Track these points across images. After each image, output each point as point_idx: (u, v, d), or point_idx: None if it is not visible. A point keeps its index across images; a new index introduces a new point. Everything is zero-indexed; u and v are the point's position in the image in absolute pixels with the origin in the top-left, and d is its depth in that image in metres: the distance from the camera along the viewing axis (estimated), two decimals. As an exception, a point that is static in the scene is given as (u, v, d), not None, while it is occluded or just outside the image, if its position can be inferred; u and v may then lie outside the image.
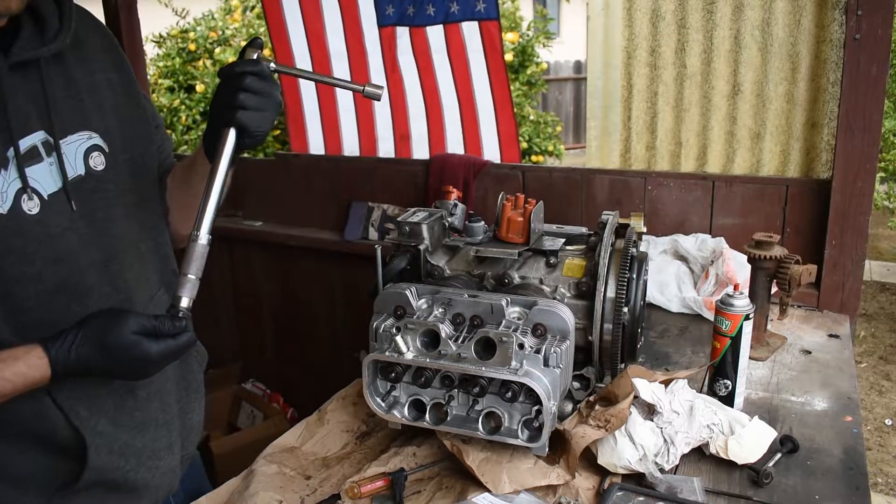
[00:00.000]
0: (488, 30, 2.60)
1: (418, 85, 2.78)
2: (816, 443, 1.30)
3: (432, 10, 2.63)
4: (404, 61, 2.75)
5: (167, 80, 5.11)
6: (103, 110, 1.12)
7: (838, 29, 2.00)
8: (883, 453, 3.46)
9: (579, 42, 13.75)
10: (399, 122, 2.85)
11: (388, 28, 2.71)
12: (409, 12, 2.68)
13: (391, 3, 2.68)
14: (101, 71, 1.14)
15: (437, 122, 2.82)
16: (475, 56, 2.65)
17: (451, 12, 2.62)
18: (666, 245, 2.08)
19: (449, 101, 2.77)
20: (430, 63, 2.73)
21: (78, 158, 1.07)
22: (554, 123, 5.84)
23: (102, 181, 1.10)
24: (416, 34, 2.70)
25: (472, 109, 2.75)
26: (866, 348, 4.55)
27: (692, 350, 1.71)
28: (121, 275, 1.13)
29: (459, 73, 2.73)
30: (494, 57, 2.64)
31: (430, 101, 2.79)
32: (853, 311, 1.96)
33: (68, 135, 1.06)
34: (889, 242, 6.45)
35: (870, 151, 1.86)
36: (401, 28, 2.72)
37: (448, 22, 2.64)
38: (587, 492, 1.18)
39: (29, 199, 1.00)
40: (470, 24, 2.61)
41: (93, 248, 1.08)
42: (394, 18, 2.71)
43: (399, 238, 1.45)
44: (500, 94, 2.71)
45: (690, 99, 2.31)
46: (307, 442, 1.38)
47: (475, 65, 2.67)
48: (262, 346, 3.29)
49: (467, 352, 1.20)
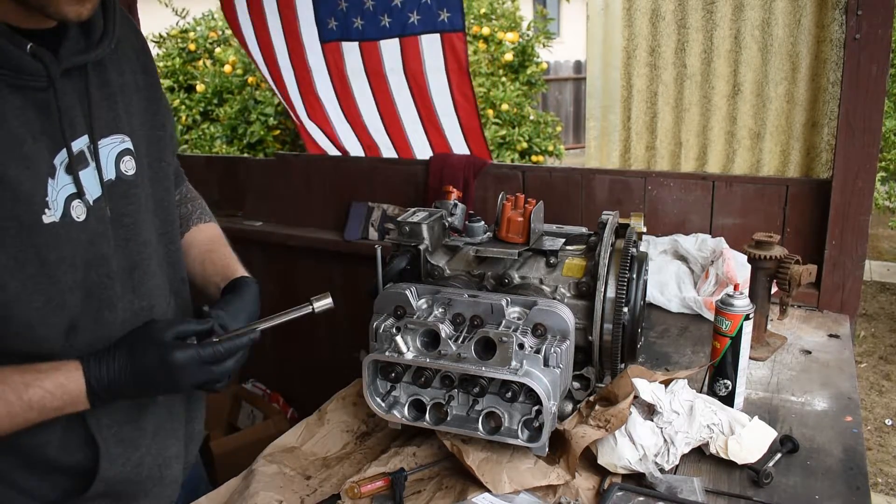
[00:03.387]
0: (451, 43, 2.29)
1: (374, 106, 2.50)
2: (816, 443, 1.30)
3: (387, 22, 2.31)
4: (356, 80, 2.47)
5: (167, 80, 5.11)
6: (130, 113, 1.11)
7: (838, 29, 2.00)
8: (883, 453, 3.46)
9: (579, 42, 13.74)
10: (362, 134, 2.66)
11: (331, 44, 2.41)
12: (356, 25, 2.36)
13: (333, 15, 2.36)
14: (131, 72, 1.12)
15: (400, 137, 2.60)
16: (435, 74, 2.36)
17: (409, 23, 2.30)
18: (666, 245, 2.08)
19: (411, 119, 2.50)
20: (384, 83, 2.43)
21: (110, 162, 1.05)
22: (554, 123, 5.83)
23: (132, 186, 1.09)
24: (368, 50, 2.39)
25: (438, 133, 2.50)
26: (866, 348, 4.55)
27: (692, 350, 1.71)
28: (143, 282, 1.11)
29: (419, 94, 2.42)
30: (459, 74, 2.35)
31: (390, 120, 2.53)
32: (853, 311, 1.96)
33: (103, 137, 1.04)
34: (889, 242, 6.45)
35: (870, 151, 1.86)
36: (348, 44, 2.41)
37: (405, 35, 2.33)
38: (587, 492, 1.18)
39: (78, 206, 0.98)
40: (431, 36, 2.30)
41: (121, 255, 1.06)
42: (337, 33, 2.40)
43: (399, 238, 1.45)
44: (467, 118, 2.43)
45: (690, 99, 2.31)
46: (307, 442, 1.38)
47: (435, 84, 2.38)
48: (262, 346, 3.28)
49: (467, 352, 1.20)
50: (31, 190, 0.91)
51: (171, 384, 1.01)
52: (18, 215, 0.89)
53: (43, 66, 0.91)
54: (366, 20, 2.34)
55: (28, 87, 0.91)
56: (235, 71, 4.93)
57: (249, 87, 4.77)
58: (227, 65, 4.95)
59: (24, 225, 0.90)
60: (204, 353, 1.01)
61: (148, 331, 1.02)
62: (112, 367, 0.97)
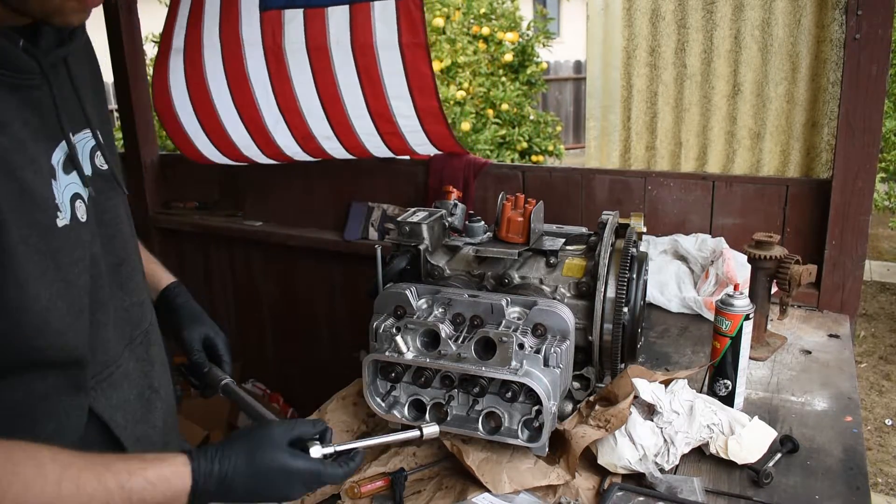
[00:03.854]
0: (408, 11, 2.00)
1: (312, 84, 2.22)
2: (816, 443, 1.30)
3: None
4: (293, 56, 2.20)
5: (167, 80, 5.10)
6: (92, 106, 1.07)
7: (838, 29, 2.00)
8: (883, 453, 3.46)
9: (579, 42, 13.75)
10: (295, 124, 2.35)
11: (271, 12, 2.14)
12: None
13: None
14: (82, 64, 1.08)
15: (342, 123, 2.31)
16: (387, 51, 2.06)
17: None
18: (666, 245, 2.08)
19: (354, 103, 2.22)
20: (327, 58, 2.15)
21: (86, 157, 1.02)
22: (554, 123, 5.84)
23: (107, 180, 1.05)
24: (312, 18, 2.11)
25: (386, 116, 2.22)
26: (866, 348, 4.55)
27: (692, 350, 1.71)
28: (130, 278, 1.09)
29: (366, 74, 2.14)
30: (415, 49, 2.05)
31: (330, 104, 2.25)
32: (853, 311, 1.96)
33: (76, 133, 1.01)
34: (889, 242, 6.45)
35: (870, 151, 1.86)
36: (290, 11, 2.13)
37: (356, 1, 2.05)
38: (587, 492, 1.18)
39: (80, 206, 0.95)
40: (384, 3, 2.02)
41: (107, 252, 1.03)
42: (281, 0, 2.14)
43: (399, 238, 1.45)
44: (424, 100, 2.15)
45: (690, 99, 2.31)
46: (307, 442, 1.37)
47: (386, 61, 2.09)
48: (262, 346, 3.29)
49: (467, 352, 1.20)
50: (45, 194, 0.88)
51: (286, 490, 0.97)
52: (39, 221, 0.86)
53: (37, 63, 0.89)
54: None
55: (24, 85, 0.88)
56: (235, 71, 4.92)
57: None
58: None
59: (44, 231, 0.86)
60: (327, 472, 0.98)
61: (269, 433, 0.96)
62: (225, 465, 0.91)
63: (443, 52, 5.02)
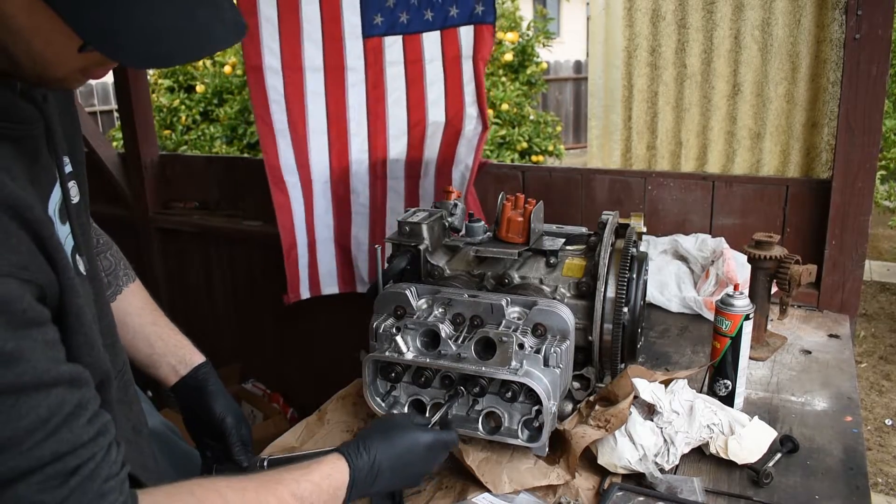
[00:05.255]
0: (482, 35, 2.43)
1: (404, 100, 2.57)
2: (816, 443, 1.30)
3: (430, 16, 2.46)
4: (392, 72, 2.55)
5: (167, 80, 5.11)
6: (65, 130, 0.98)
7: (838, 29, 2.00)
8: (883, 453, 3.46)
9: (579, 42, 13.77)
10: (376, 143, 2.62)
11: (374, 39, 2.51)
12: (402, 20, 2.49)
13: (380, 11, 2.48)
14: None
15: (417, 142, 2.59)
16: (468, 63, 2.48)
17: (450, 16, 2.44)
18: (666, 245, 2.08)
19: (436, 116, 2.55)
20: (421, 73, 2.53)
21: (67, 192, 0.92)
22: (554, 123, 5.84)
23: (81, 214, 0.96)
24: (410, 42, 2.52)
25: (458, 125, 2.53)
26: (866, 348, 4.55)
27: (692, 350, 1.71)
28: (105, 315, 1.02)
29: (451, 82, 2.51)
30: (482, 66, 2.48)
31: (415, 118, 2.57)
32: (853, 311, 1.96)
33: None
34: (889, 242, 6.45)
35: (870, 151, 1.86)
36: (391, 38, 2.52)
37: (446, 27, 2.47)
38: (587, 492, 1.18)
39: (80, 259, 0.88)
40: (467, 28, 2.44)
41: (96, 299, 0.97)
42: (382, 28, 2.51)
43: (399, 238, 1.45)
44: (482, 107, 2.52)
45: (690, 99, 2.31)
46: (307, 442, 1.38)
47: (467, 72, 2.49)
48: (263, 346, 3.29)
49: (467, 352, 1.20)
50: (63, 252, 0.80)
51: (425, 465, 1.09)
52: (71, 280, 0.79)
53: (38, 111, 0.83)
54: (411, 14, 2.48)
55: (25, 136, 0.81)
56: (235, 71, 4.93)
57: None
58: (228, 65, 4.95)
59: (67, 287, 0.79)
60: (451, 438, 1.12)
61: (397, 421, 1.09)
62: (373, 453, 1.00)
63: (443, 52, 5.02)
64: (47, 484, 0.67)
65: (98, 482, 0.70)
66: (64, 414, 0.69)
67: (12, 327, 0.65)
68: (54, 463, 0.67)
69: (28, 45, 0.72)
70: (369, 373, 1.27)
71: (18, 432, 0.65)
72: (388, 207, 2.69)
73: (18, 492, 0.65)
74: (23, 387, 0.66)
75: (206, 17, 0.71)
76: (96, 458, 0.71)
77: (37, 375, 0.67)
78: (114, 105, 7.37)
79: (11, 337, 0.65)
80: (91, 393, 0.74)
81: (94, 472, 0.70)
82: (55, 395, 0.68)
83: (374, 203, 2.71)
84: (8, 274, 0.66)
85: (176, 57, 0.72)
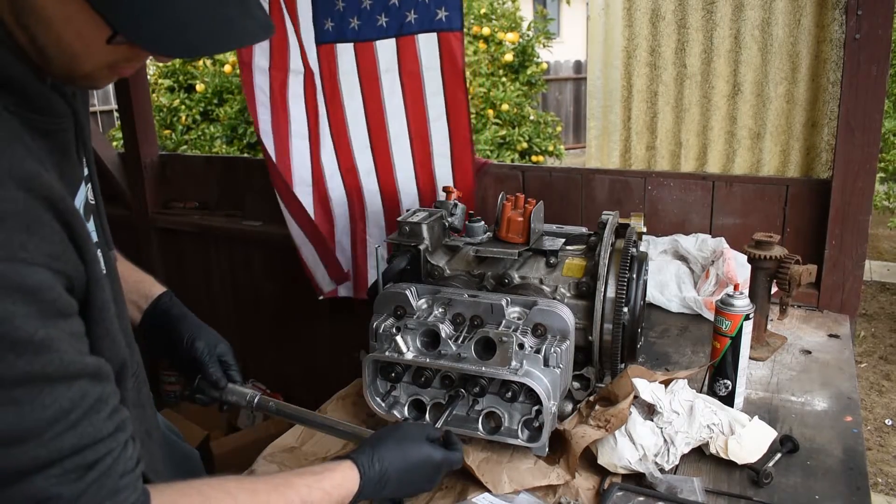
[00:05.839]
0: (448, 42, 2.20)
1: (362, 111, 2.41)
2: (816, 443, 1.30)
3: (384, 21, 2.25)
4: (346, 83, 2.39)
5: (167, 80, 5.11)
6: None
7: (838, 29, 2.00)
8: (883, 453, 3.46)
9: (579, 42, 13.76)
10: (343, 154, 2.50)
11: (326, 45, 2.35)
12: (352, 26, 2.29)
13: (330, 16, 2.31)
14: None
15: (383, 154, 2.45)
16: (431, 74, 2.26)
17: (406, 22, 2.22)
18: (666, 245, 2.08)
19: (398, 130, 2.39)
20: (377, 85, 2.35)
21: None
22: (554, 123, 5.84)
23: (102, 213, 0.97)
24: (362, 51, 2.32)
25: (424, 138, 2.37)
26: (866, 348, 4.55)
27: (692, 350, 1.71)
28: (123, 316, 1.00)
29: (411, 97, 2.33)
30: (454, 75, 2.24)
31: (376, 131, 2.42)
32: (853, 311, 1.96)
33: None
34: (889, 242, 6.45)
35: (870, 151, 1.86)
36: (342, 45, 2.34)
37: (402, 35, 2.25)
38: (587, 492, 1.18)
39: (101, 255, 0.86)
40: (428, 35, 2.22)
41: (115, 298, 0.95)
42: (333, 35, 2.33)
43: (399, 238, 1.45)
44: (457, 120, 2.31)
45: (690, 99, 2.31)
46: (307, 442, 1.38)
47: (430, 84, 2.28)
48: (262, 346, 3.29)
49: (467, 352, 1.20)
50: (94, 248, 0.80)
51: (430, 481, 1.08)
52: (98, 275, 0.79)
53: (68, 106, 0.82)
54: (362, 20, 2.28)
55: (54, 130, 0.81)
56: (235, 71, 4.93)
57: (249, 87, 4.76)
58: (228, 65, 4.95)
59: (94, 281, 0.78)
60: (456, 458, 1.10)
61: (412, 432, 1.08)
62: (385, 464, 1.00)
63: (443, 53, 5.02)
64: (66, 477, 0.67)
65: (114, 478, 0.70)
66: (85, 407, 0.69)
67: (43, 316, 0.66)
68: (73, 456, 0.67)
69: (58, 37, 0.72)
70: (369, 373, 1.27)
71: (41, 423, 0.65)
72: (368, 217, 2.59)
73: (36, 484, 0.65)
74: (48, 377, 0.66)
75: (233, 11, 0.72)
76: (114, 453, 0.71)
77: (62, 366, 0.67)
78: (114, 105, 7.37)
79: (42, 326, 0.65)
80: (111, 388, 0.74)
81: (112, 467, 0.70)
82: (78, 387, 0.69)
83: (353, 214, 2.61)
84: (42, 264, 0.66)
85: (205, 47, 0.73)
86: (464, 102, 2.28)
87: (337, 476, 0.95)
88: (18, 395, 0.64)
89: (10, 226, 0.65)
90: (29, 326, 0.64)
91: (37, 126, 0.76)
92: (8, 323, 0.63)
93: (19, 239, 0.65)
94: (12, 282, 0.63)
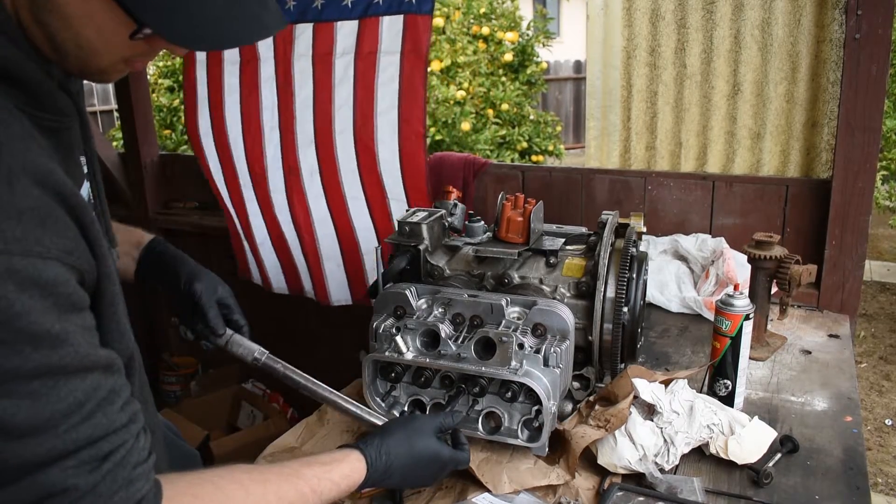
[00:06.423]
0: (415, 25, 2.03)
1: (311, 101, 2.23)
2: (816, 443, 1.30)
3: (350, 2, 2.08)
4: (299, 68, 2.21)
5: (167, 80, 5.11)
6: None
7: (838, 29, 2.00)
8: (883, 453, 3.46)
9: (579, 42, 13.74)
10: (287, 150, 2.34)
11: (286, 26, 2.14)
12: (315, 5, 2.12)
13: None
14: None
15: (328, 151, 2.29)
16: (388, 58, 2.09)
17: (373, 3, 2.06)
18: (666, 245, 2.08)
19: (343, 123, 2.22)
20: (329, 71, 2.16)
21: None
22: (554, 123, 5.84)
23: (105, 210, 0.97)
24: (321, 32, 2.14)
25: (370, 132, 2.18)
26: (866, 348, 4.55)
27: (692, 350, 1.71)
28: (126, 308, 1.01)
29: (362, 83, 2.14)
30: (415, 60, 2.07)
31: (322, 125, 2.25)
32: (853, 311, 1.96)
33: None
34: (889, 242, 6.45)
35: (870, 151, 1.86)
36: (302, 25, 2.16)
37: (366, 16, 2.08)
38: (587, 492, 1.18)
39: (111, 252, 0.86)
40: (393, 18, 2.06)
41: None
42: (293, 14, 2.15)
43: (399, 238, 1.45)
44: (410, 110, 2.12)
45: (690, 99, 2.31)
46: (307, 442, 1.38)
47: (386, 71, 2.10)
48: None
49: (467, 352, 1.20)
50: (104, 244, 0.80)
51: (433, 476, 1.10)
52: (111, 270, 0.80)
53: (73, 104, 0.82)
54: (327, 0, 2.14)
55: (59, 128, 0.80)
56: (235, 71, 4.92)
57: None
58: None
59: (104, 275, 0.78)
60: (462, 457, 1.11)
61: (421, 425, 1.09)
62: (392, 456, 1.02)
63: (443, 52, 5.02)
64: (81, 469, 0.67)
65: (128, 469, 0.71)
66: (99, 399, 0.70)
67: (59, 310, 0.67)
68: (88, 447, 0.68)
69: (77, 33, 0.73)
70: (369, 373, 1.27)
71: (56, 415, 0.66)
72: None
73: (51, 475, 0.66)
74: (63, 369, 0.67)
75: (253, 3, 0.75)
76: (127, 444, 0.72)
77: (77, 359, 0.68)
78: (114, 105, 7.36)
79: (58, 319, 0.66)
80: (123, 380, 0.75)
81: (125, 458, 0.71)
82: (91, 379, 0.70)
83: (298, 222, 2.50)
84: (57, 258, 0.67)
85: (229, 40, 0.76)
86: (420, 91, 2.11)
87: (345, 467, 0.96)
88: (35, 387, 0.65)
89: (26, 221, 0.65)
90: (45, 320, 0.65)
91: (44, 124, 0.77)
92: (26, 317, 0.64)
93: (35, 234, 0.66)
94: (29, 276, 0.64)
